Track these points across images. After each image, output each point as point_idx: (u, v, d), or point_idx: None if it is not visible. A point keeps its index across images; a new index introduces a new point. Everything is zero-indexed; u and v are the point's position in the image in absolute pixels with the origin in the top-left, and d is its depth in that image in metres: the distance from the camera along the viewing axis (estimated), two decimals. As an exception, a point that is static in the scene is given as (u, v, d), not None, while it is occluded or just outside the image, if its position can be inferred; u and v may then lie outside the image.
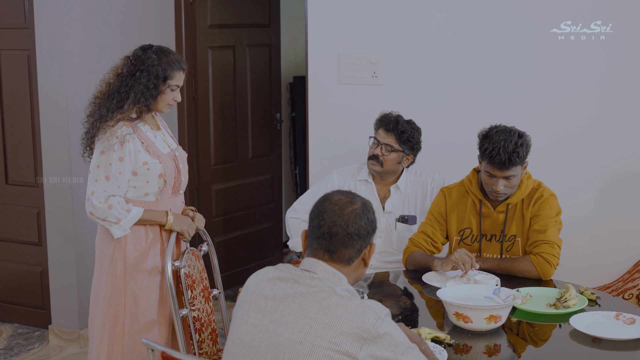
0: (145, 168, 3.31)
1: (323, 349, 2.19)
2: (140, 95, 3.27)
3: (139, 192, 3.34)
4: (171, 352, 2.21)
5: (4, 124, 5.19)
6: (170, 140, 3.51)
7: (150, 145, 3.34)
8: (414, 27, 4.69)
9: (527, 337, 3.01)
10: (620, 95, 4.30)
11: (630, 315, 2.99)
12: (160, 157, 3.35)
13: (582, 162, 4.41)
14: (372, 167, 4.20)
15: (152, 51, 3.34)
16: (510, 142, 3.44)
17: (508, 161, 3.43)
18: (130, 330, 3.34)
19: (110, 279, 3.34)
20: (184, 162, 3.51)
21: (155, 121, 3.49)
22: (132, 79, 3.29)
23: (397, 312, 3.18)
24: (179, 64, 3.37)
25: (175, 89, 3.38)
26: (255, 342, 2.28)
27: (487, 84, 4.56)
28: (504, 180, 3.50)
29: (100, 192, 3.26)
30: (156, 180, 3.35)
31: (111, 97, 3.29)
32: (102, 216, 3.27)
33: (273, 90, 6.36)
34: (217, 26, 5.76)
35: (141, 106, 3.30)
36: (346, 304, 2.23)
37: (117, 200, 3.28)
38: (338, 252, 2.35)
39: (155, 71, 3.29)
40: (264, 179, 6.36)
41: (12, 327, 5.34)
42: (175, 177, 3.41)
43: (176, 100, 3.41)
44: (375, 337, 2.20)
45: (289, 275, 2.34)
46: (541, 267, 3.49)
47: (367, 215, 2.38)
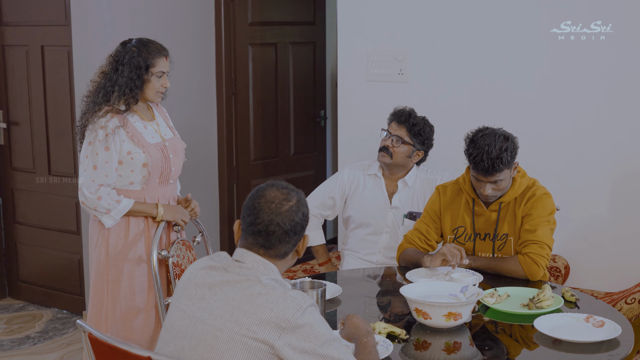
0: (130, 157, 3.42)
1: (241, 336, 2.23)
2: (125, 87, 3.39)
3: (124, 181, 3.46)
4: (97, 334, 2.29)
5: (47, 118, 5.42)
6: (165, 130, 3.60)
7: (135, 135, 3.44)
8: (440, 24, 4.68)
9: (489, 337, 2.97)
10: (620, 95, 4.23)
11: (601, 318, 2.91)
12: (146, 146, 3.45)
13: (583, 161, 4.36)
14: (381, 159, 4.20)
15: (132, 44, 3.46)
16: (495, 148, 3.38)
17: (492, 167, 3.38)
18: (112, 316, 3.46)
19: (95, 264, 3.48)
20: (177, 152, 3.60)
21: (151, 112, 3.60)
22: (115, 73, 3.41)
23: (407, 311, 3.10)
24: (160, 51, 3.48)
25: (161, 75, 3.48)
26: (182, 327, 2.35)
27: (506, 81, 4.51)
28: (492, 184, 3.46)
29: (89, 182, 3.39)
30: (140, 169, 3.45)
31: (98, 93, 3.42)
32: (93, 206, 3.40)
33: (317, 87, 6.41)
34: (259, 24, 5.85)
35: (128, 98, 3.41)
36: (268, 293, 2.27)
37: (107, 192, 3.40)
38: (274, 249, 2.39)
39: (137, 62, 3.40)
40: (307, 175, 6.41)
41: (52, 312, 5.58)
42: (163, 167, 3.50)
43: (165, 87, 3.51)
44: (295, 327, 2.23)
45: (220, 264, 2.40)
46: (529, 268, 3.43)
47: (302, 211, 2.41)
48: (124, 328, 3.46)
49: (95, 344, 2.34)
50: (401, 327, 2.90)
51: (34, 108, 5.48)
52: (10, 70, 5.57)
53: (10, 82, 5.58)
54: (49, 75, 5.36)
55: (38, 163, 5.54)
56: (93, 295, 3.50)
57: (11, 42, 5.53)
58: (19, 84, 5.53)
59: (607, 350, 2.73)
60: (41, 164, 5.52)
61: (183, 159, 3.66)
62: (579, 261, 4.44)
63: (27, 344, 5.03)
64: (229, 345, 2.24)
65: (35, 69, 5.42)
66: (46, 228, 5.57)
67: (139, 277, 3.49)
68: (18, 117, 5.58)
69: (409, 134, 4.16)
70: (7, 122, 5.63)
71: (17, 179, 5.68)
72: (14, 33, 5.50)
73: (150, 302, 3.52)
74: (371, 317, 3.10)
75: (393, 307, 3.26)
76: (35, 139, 5.52)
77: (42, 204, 5.59)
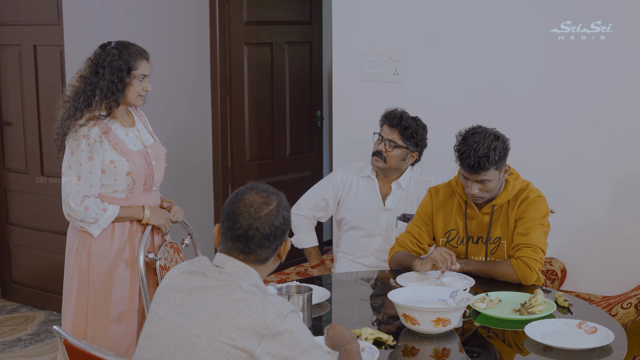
0: (113, 166, 3.34)
1: (220, 343, 2.17)
2: (106, 90, 3.31)
3: (108, 190, 3.39)
4: (73, 341, 2.24)
5: (40, 118, 5.37)
6: (146, 136, 3.53)
7: (118, 143, 3.36)
8: (436, 23, 4.63)
9: (479, 343, 2.91)
10: (620, 96, 4.18)
11: (594, 325, 2.84)
12: (129, 154, 3.37)
13: (581, 163, 4.31)
14: (375, 164, 4.15)
15: (112, 46, 3.38)
16: (483, 146, 3.33)
17: (477, 165, 3.31)
18: (93, 322, 3.39)
19: (77, 271, 3.41)
20: (159, 158, 3.52)
21: (131, 117, 3.52)
22: (96, 77, 3.33)
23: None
24: (141, 53, 3.40)
25: (143, 78, 3.40)
26: (161, 334, 2.29)
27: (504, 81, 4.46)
28: (478, 184, 3.39)
29: (74, 193, 3.31)
30: (124, 178, 3.37)
31: (78, 97, 3.34)
32: (80, 218, 3.32)
33: (314, 87, 6.35)
34: (254, 23, 5.80)
35: (110, 102, 3.34)
36: (248, 299, 2.21)
37: (93, 201, 3.33)
38: (254, 254, 2.33)
39: (118, 65, 3.32)
40: (304, 176, 6.35)
41: (45, 313, 5.53)
42: (146, 175, 3.43)
43: (146, 90, 3.43)
44: (275, 334, 2.17)
45: (199, 269, 2.34)
46: (521, 272, 3.37)
47: (282, 214, 2.34)
48: (105, 335, 3.39)
49: (71, 351, 2.29)
50: (393, 330, 2.84)
51: (26, 108, 5.43)
52: (2, 70, 5.52)
53: (3, 82, 5.53)
54: (42, 75, 5.31)
55: (31, 163, 5.48)
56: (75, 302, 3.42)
57: (3, 42, 5.48)
58: (12, 83, 5.49)
59: (599, 357, 2.67)
60: (34, 164, 5.47)
61: (164, 164, 3.59)
62: (575, 264, 4.38)
63: (19, 347, 4.98)
64: (208, 353, 2.18)
65: (28, 68, 5.37)
66: (40, 229, 5.52)
67: (123, 283, 3.42)
68: (11, 117, 5.53)
69: (401, 137, 4.10)
70: (0, 122, 5.58)
71: (10, 180, 5.63)
72: (6, 32, 5.45)
73: (132, 308, 3.45)
74: (362, 321, 3.04)
75: (386, 309, 3.20)
76: (28, 139, 5.47)
77: (35, 204, 5.54)
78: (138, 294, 3.45)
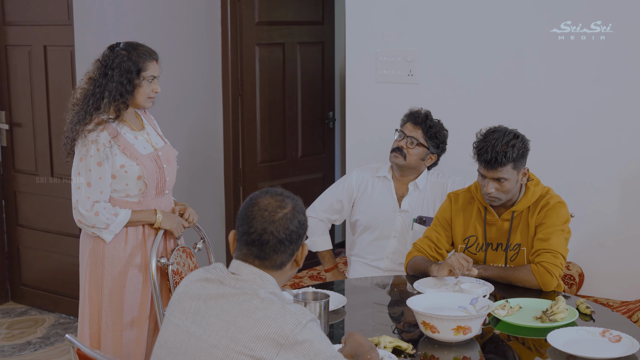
0: (123, 171, 3.28)
1: (237, 353, 2.12)
2: (115, 92, 3.25)
3: (121, 194, 3.33)
4: (86, 350, 2.18)
5: (50, 119, 5.32)
6: (156, 139, 3.47)
7: (127, 147, 3.30)
8: (450, 25, 4.58)
9: (500, 352, 2.84)
10: (620, 96, 4.15)
11: (618, 333, 2.77)
12: (139, 158, 3.31)
13: (589, 164, 4.28)
14: (394, 160, 4.08)
15: (121, 48, 3.31)
16: (501, 142, 3.28)
17: (494, 160, 3.26)
18: (107, 330, 3.33)
19: (90, 275, 3.35)
20: (170, 160, 3.46)
21: (140, 120, 3.46)
22: (105, 78, 3.26)
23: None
24: (150, 54, 3.34)
25: (152, 80, 3.34)
26: (176, 343, 2.23)
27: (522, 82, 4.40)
28: (495, 182, 3.33)
29: (84, 199, 3.25)
30: (135, 182, 3.31)
31: (87, 100, 3.28)
32: (91, 224, 3.26)
33: (326, 88, 6.29)
34: (266, 23, 5.74)
35: (118, 104, 3.28)
36: (266, 308, 2.15)
37: (103, 206, 3.27)
38: (270, 259, 2.27)
39: (127, 66, 3.26)
40: (316, 178, 6.29)
41: (55, 316, 5.48)
42: (158, 178, 3.37)
43: (156, 92, 3.36)
44: (294, 343, 2.11)
45: (215, 277, 2.28)
46: (541, 277, 3.30)
47: (297, 218, 2.29)
48: (118, 342, 3.33)
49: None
50: (414, 338, 2.77)
51: (36, 109, 5.38)
52: (12, 70, 5.47)
53: (13, 83, 5.48)
54: (52, 75, 5.26)
55: (40, 165, 5.43)
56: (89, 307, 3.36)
57: (14, 42, 5.43)
58: (22, 84, 5.43)
59: (624, 367, 2.60)
60: (44, 165, 5.42)
61: (176, 167, 3.53)
62: (593, 268, 4.31)
63: (28, 350, 4.93)
64: (225, 363, 2.12)
65: (38, 69, 5.32)
66: (49, 231, 5.47)
67: (136, 289, 3.36)
68: (20, 119, 5.48)
69: (424, 136, 4.06)
70: (10, 123, 5.54)
71: (20, 181, 5.58)
72: (16, 33, 5.40)
73: (144, 314, 3.39)
74: (380, 328, 2.97)
75: (406, 317, 3.13)
76: (38, 141, 5.42)
77: (44, 206, 5.49)
78: (150, 300, 3.39)
